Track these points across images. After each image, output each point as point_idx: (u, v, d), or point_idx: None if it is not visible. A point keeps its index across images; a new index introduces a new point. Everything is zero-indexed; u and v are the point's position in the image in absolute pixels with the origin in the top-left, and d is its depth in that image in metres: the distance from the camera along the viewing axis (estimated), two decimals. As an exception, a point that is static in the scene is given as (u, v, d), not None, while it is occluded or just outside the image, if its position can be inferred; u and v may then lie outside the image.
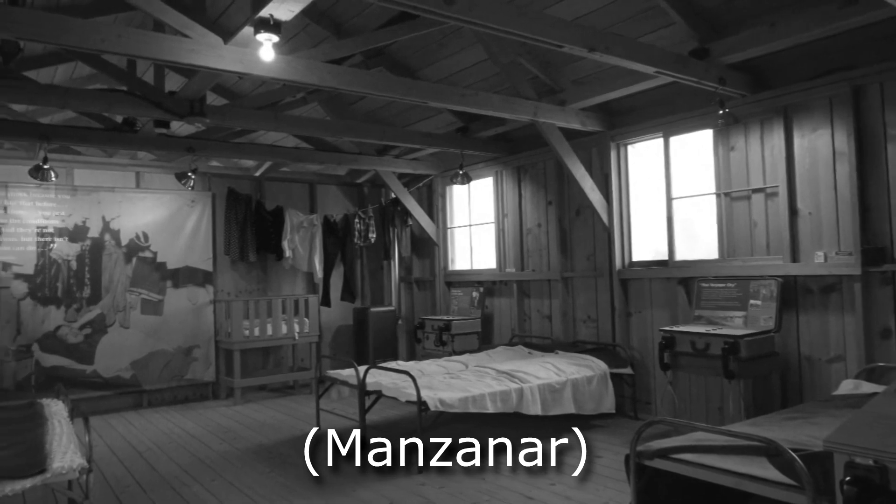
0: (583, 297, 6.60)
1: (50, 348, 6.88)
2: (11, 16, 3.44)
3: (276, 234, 8.37)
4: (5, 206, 6.72)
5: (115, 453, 5.38)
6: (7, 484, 3.00)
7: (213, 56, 3.94)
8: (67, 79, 6.66)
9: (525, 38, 3.86)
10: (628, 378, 5.93)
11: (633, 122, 5.99)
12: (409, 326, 8.82)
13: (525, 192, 7.29)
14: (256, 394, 7.94)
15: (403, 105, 6.91)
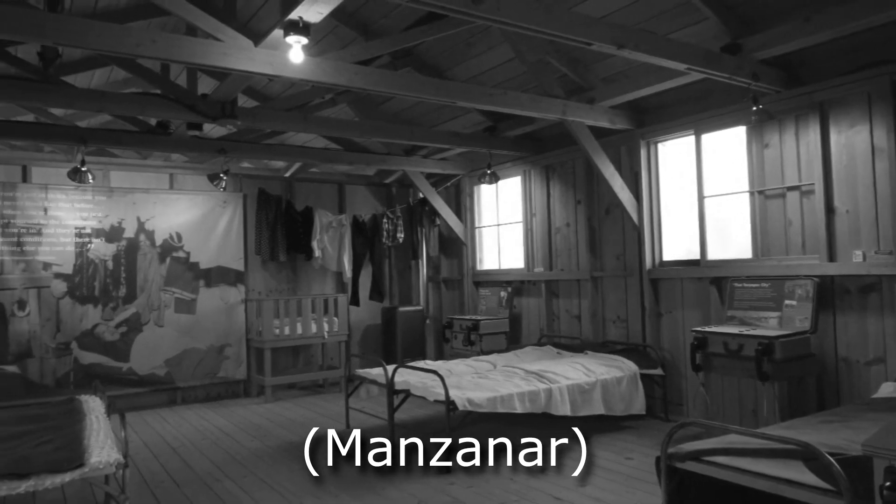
0: (612, 297, 6.53)
1: (88, 346, 7.06)
2: (50, 22, 3.55)
3: (306, 234, 8.45)
4: (45, 208, 6.92)
5: (150, 449, 5.50)
6: (47, 477, 3.09)
7: (243, 59, 4.00)
8: (104, 83, 6.82)
9: (553, 36, 3.83)
10: (659, 379, 5.86)
11: (664, 120, 5.91)
12: (437, 326, 8.84)
13: (553, 191, 7.24)
14: (287, 392, 8.04)
15: (431, 105, 6.92)
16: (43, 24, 3.51)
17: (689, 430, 3.06)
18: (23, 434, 3.83)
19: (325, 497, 4.12)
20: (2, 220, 6.67)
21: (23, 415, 4.47)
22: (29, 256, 6.79)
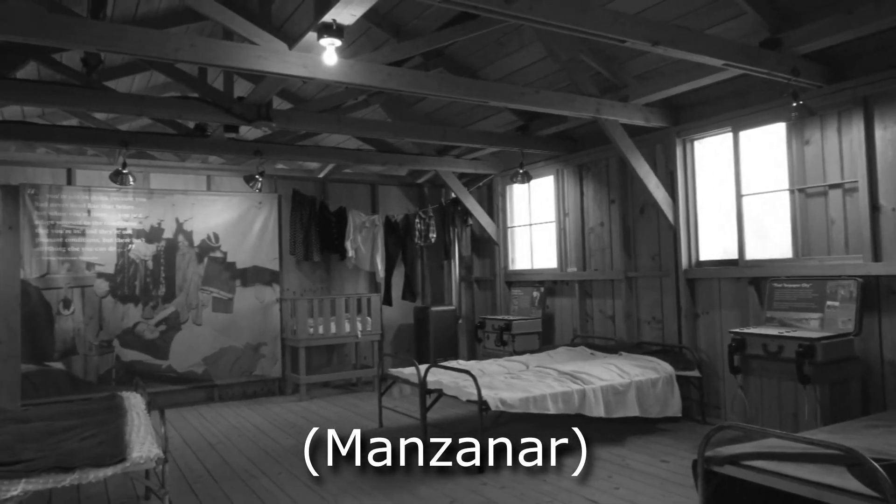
0: (647, 298, 6.44)
1: (129, 344, 7.25)
2: (93, 29, 3.65)
3: (339, 234, 8.54)
4: (89, 210, 7.12)
5: (189, 445, 5.62)
6: (91, 471, 3.19)
7: (278, 61, 4.06)
8: (144, 87, 6.99)
9: (586, 34, 3.80)
10: (695, 381, 5.76)
11: (700, 117, 5.81)
12: (470, 326, 8.84)
13: (587, 190, 7.18)
14: (321, 390, 8.13)
15: (463, 105, 6.92)
16: (86, 31, 3.62)
17: (726, 434, 3.01)
18: (68, 429, 3.95)
19: (358, 495, 4.15)
20: (48, 222, 6.90)
21: (68, 410, 4.61)
22: (73, 256, 7.01)
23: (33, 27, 3.42)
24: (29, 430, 3.93)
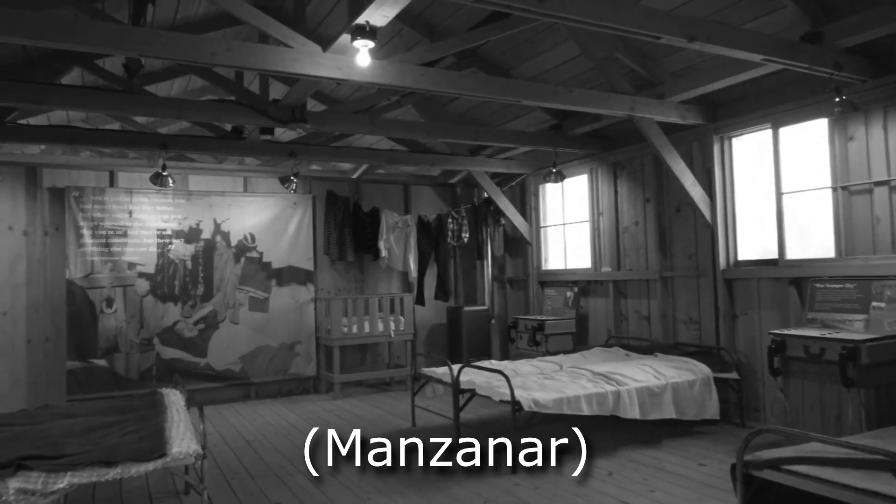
0: (684, 298, 6.33)
1: (168, 342, 7.42)
2: (134, 36, 3.75)
3: (373, 234, 8.60)
4: (130, 211, 7.32)
5: (226, 441, 5.73)
6: (132, 466, 3.27)
7: (313, 64, 4.11)
8: (182, 91, 7.16)
9: (620, 31, 3.76)
10: (734, 383, 5.64)
11: (738, 114, 5.69)
12: (503, 326, 8.81)
13: (621, 189, 7.09)
14: (355, 389, 8.20)
15: (496, 104, 6.91)
16: (128, 37, 3.72)
17: (766, 437, 2.95)
18: (110, 424, 4.07)
19: (391, 494, 4.18)
20: (92, 223, 7.11)
21: (110, 406, 4.74)
22: (116, 257, 7.21)
23: (78, 35, 3.52)
24: (74, 425, 4.06)
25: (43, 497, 3.06)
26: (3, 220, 6.90)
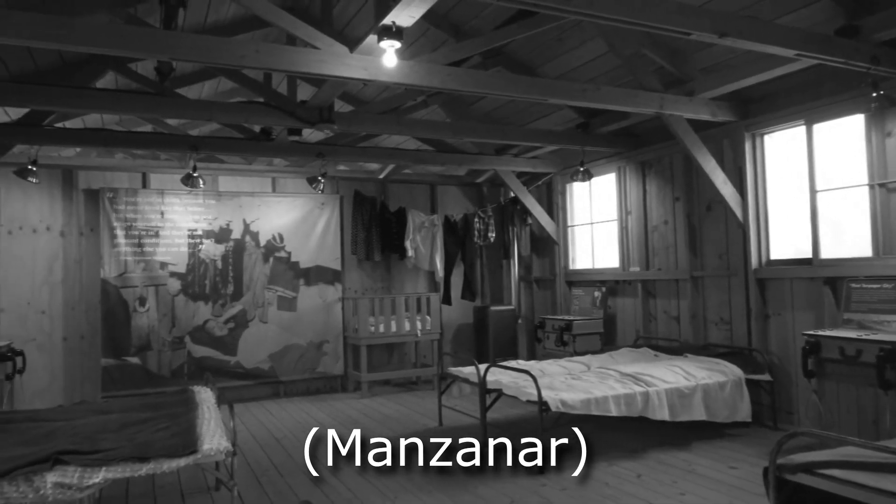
0: (714, 298, 6.23)
1: (199, 340, 7.55)
2: (167, 39, 3.82)
3: (399, 234, 8.64)
4: (162, 212, 7.46)
5: (256, 439, 5.80)
6: (165, 461, 3.33)
7: (340, 65, 4.14)
8: (212, 93, 7.27)
9: (649, 27, 3.71)
10: (766, 385, 5.53)
11: (770, 110, 5.58)
12: (529, 326, 8.77)
13: (650, 187, 7.01)
14: (382, 388, 8.24)
15: (522, 103, 6.88)
16: (159, 41, 3.79)
17: (800, 441, 2.88)
18: (143, 420, 4.15)
19: (418, 493, 4.19)
20: (125, 224, 7.26)
21: (143, 403, 4.84)
22: (148, 256, 7.35)
23: (112, 39, 3.60)
24: (108, 422, 4.15)
25: (79, 491, 3.14)
26: (41, 221, 7.09)
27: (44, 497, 3.07)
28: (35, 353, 6.85)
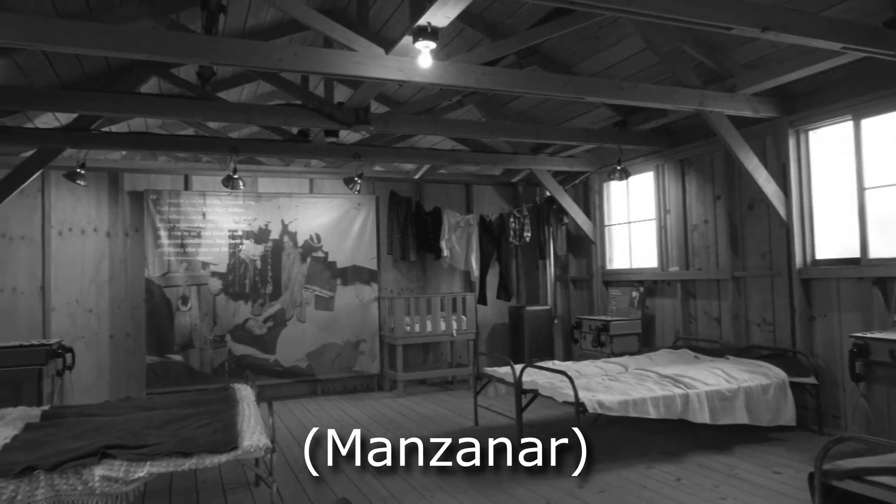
0: (757, 299, 6.08)
1: (240, 339, 7.70)
2: (208, 44, 3.90)
3: (435, 234, 8.66)
4: (204, 213, 7.63)
5: (294, 436, 5.89)
6: (207, 457, 3.41)
7: (376, 66, 4.17)
8: (251, 97, 7.40)
9: (688, 22, 3.64)
10: (811, 388, 5.38)
11: (815, 106, 5.42)
12: (566, 326, 8.71)
13: (690, 186, 6.88)
14: (417, 387, 8.28)
15: (558, 102, 6.83)
16: (201, 46, 3.88)
17: (847, 446, 2.80)
18: (186, 417, 4.25)
19: (454, 493, 4.19)
20: (168, 225, 7.45)
21: (186, 399, 4.96)
22: (190, 257, 7.53)
23: (155, 45, 3.70)
24: (153, 417, 4.26)
25: (125, 484, 3.23)
26: (88, 223, 7.33)
27: (91, 489, 3.18)
28: (83, 351, 7.09)
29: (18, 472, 3.11)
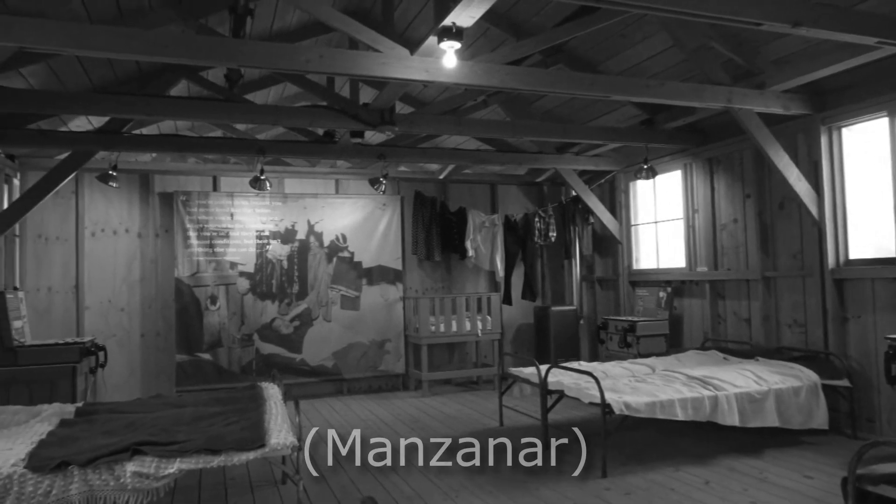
0: (788, 299, 5.97)
1: (267, 338, 7.79)
2: (236, 47, 3.96)
3: (460, 233, 8.66)
4: (232, 213, 7.73)
5: (320, 435, 5.92)
6: (235, 454, 3.46)
7: (401, 67, 4.19)
8: (278, 98, 7.48)
9: (716, 19, 3.59)
10: (845, 391, 5.26)
11: (849, 102, 5.30)
12: (592, 327, 8.64)
13: (718, 185, 6.77)
14: (442, 387, 8.29)
15: (584, 101, 6.78)
16: (229, 49, 3.94)
17: (882, 450, 2.73)
18: (215, 415, 4.32)
19: (480, 493, 4.19)
20: (198, 225, 7.57)
21: (215, 397, 5.03)
22: (219, 257, 7.64)
23: (185, 49, 3.77)
24: (182, 415, 4.34)
25: (155, 480, 3.29)
26: (120, 223, 7.48)
27: (123, 485, 3.24)
28: (115, 349, 7.24)
29: (53, 467, 3.19)
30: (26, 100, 4.83)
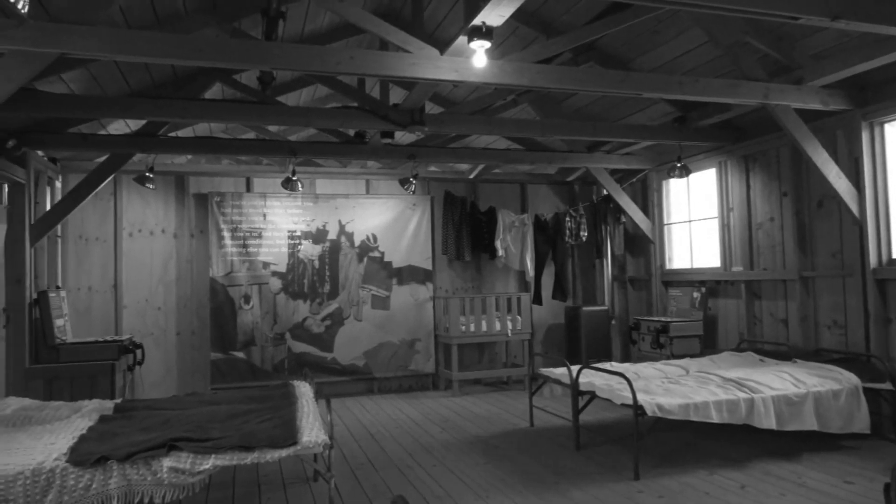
0: (827, 300, 5.82)
1: (299, 337, 7.88)
2: (268, 50, 4.02)
3: (489, 233, 8.65)
4: (264, 214, 7.85)
5: (351, 433, 5.98)
6: (268, 451, 3.51)
7: (431, 67, 4.20)
8: (309, 100, 7.57)
9: (752, 13, 3.51)
10: (887, 395, 5.11)
11: (892, 97, 5.14)
12: (623, 327, 8.54)
13: (754, 182, 6.63)
14: (472, 387, 8.28)
15: (615, 99, 6.70)
16: (262, 52, 3.99)
17: (928, 456, 2.64)
18: (248, 412, 4.38)
19: (510, 493, 4.17)
20: (231, 226, 7.70)
21: (248, 395, 5.11)
22: (252, 257, 7.76)
23: (218, 53, 3.83)
24: (217, 412, 4.41)
25: (191, 476, 3.36)
26: (156, 224, 7.65)
27: (160, 480, 3.31)
28: (152, 347, 7.41)
29: (94, 461, 3.27)
30: (67, 104, 4.97)
